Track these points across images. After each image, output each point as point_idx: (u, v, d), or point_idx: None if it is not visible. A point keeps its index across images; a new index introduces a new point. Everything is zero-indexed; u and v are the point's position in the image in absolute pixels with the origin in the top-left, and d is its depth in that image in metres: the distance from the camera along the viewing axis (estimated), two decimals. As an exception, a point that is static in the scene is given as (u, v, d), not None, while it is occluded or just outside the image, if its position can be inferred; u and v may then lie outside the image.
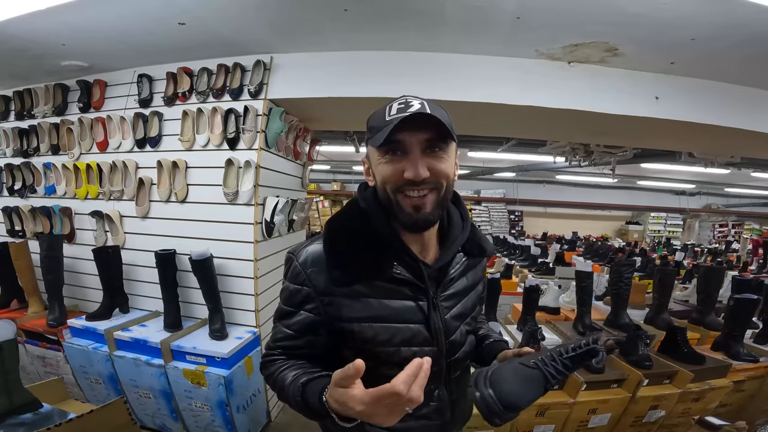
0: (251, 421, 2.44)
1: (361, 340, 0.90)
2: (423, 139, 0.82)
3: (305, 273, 0.90)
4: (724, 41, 2.05)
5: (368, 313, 0.90)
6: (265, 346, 0.99)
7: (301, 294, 0.91)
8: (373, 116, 0.88)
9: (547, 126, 3.14)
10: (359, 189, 0.99)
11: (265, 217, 2.55)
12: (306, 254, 0.92)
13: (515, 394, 0.82)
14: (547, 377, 0.84)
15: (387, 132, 0.79)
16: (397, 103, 0.84)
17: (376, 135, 0.82)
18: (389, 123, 0.80)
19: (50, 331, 2.47)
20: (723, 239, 11.22)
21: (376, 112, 0.88)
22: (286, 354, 0.95)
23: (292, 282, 0.92)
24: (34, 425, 1.51)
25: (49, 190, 2.89)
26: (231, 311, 2.54)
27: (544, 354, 0.87)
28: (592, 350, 0.85)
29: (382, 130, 0.81)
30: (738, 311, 2.35)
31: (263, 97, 2.49)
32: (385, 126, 0.81)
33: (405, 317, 0.92)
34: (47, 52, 2.50)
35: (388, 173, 0.84)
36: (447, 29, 2.16)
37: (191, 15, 2.08)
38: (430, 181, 0.83)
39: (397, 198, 0.85)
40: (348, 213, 0.96)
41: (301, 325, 0.92)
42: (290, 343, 0.94)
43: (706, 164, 5.22)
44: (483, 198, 11.59)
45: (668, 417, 2.09)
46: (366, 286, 0.90)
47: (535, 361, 0.86)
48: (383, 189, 0.87)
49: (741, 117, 2.58)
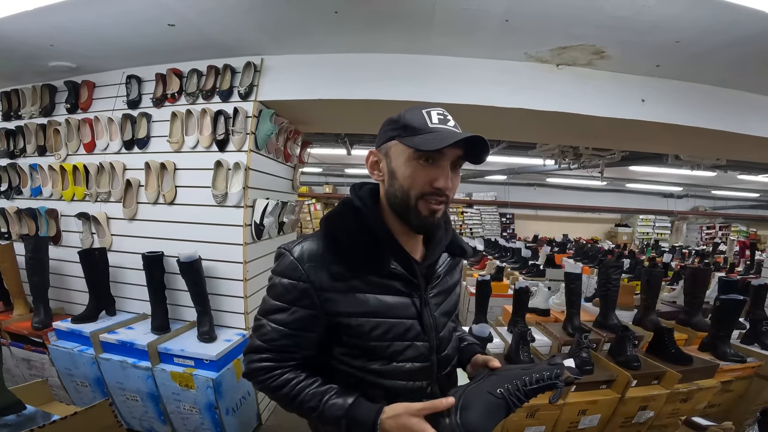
0: (241, 424, 2.42)
1: (357, 335, 0.92)
2: (456, 156, 0.88)
3: (302, 268, 0.90)
4: (709, 44, 2.08)
5: (365, 309, 0.92)
6: (252, 348, 0.96)
7: (297, 289, 0.90)
8: (410, 115, 0.89)
9: (536, 128, 3.17)
10: (353, 188, 1.01)
11: (255, 219, 2.54)
12: (302, 249, 0.92)
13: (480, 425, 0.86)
14: (510, 406, 0.89)
15: (443, 143, 0.82)
16: (436, 112, 0.89)
17: (421, 137, 0.86)
18: (436, 131, 0.86)
19: (35, 334, 2.43)
20: (710, 241, 11.33)
21: (412, 111, 0.90)
22: (279, 356, 0.94)
23: (286, 277, 0.91)
24: (18, 427, 1.49)
25: (35, 191, 2.85)
26: (220, 313, 2.53)
27: (509, 380, 0.91)
28: (553, 385, 0.91)
29: (425, 134, 0.86)
30: (725, 312, 2.37)
31: (253, 98, 2.48)
32: (429, 131, 0.86)
33: (399, 312, 0.95)
34: (35, 53, 2.48)
35: (421, 178, 0.87)
36: (436, 32, 2.17)
37: (180, 16, 2.08)
38: (447, 194, 0.89)
39: (418, 202, 0.89)
40: (343, 211, 0.98)
41: (296, 322, 0.92)
42: (284, 343, 0.93)
43: (692, 167, 5.30)
44: (475, 201, 11.65)
45: (657, 418, 2.10)
46: (362, 281, 0.92)
47: (502, 390, 0.89)
48: (404, 189, 0.89)
49: (726, 119, 2.61)
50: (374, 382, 0.95)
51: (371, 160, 0.97)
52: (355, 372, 0.96)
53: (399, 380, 0.96)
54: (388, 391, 0.95)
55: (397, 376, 0.96)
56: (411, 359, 0.96)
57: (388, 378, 0.95)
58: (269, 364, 0.94)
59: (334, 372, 0.97)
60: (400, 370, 0.96)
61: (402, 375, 0.96)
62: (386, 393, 0.94)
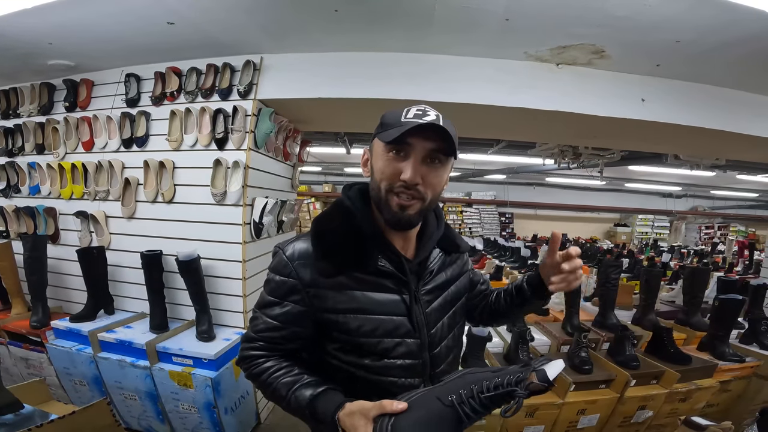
0: (240, 423, 2.42)
1: (345, 331, 0.94)
2: (428, 148, 0.87)
3: (292, 265, 0.94)
4: (709, 43, 2.08)
5: (352, 305, 0.94)
6: (246, 337, 1.01)
7: (287, 285, 0.94)
8: (389, 113, 0.93)
9: (535, 128, 3.16)
10: (344, 189, 1.04)
11: (254, 218, 2.53)
12: (293, 248, 0.96)
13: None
14: (462, 418, 0.77)
15: (400, 132, 0.84)
16: (416, 108, 0.89)
17: (389, 131, 0.88)
18: (404, 124, 0.86)
19: (33, 333, 2.42)
20: (709, 241, 11.36)
21: (393, 110, 0.92)
22: (268, 346, 0.98)
23: (278, 273, 0.95)
24: (15, 426, 1.48)
25: (33, 190, 2.84)
26: (219, 312, 2.52)
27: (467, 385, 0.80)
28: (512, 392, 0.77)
29: (395, 128, 0.87)
30: (723, 311, 2.38)
31: (253, 97, 2.47)
32: (398, 125, 0.86)
33: (388, 309, 0.96)
34: (34, 51, 2.47)
35: (388, 170, 0.89)
36: (436, 30, 2.17)
37: (180, 15, 2.07)
38: (419, 189, 0.89)
39: (388, 195, 0.90)
40: (334, 211, 1.01)
41: (286, 316, 0.95)
42: (273, 335, 0.97)
43: (691, 166, 5.29)
44: (474, 200, 11.65)
45: (656, 417, 2.10)
46: (351, 278, 0.94)
47: (453, 397, 0.79)
48: (377, 182, 0.92)
49: (726, 119, 2.61)
50: (366, 377, 0.96)
51: (364, 158, 1.01)
52: (347, 367, 0.97)
53: (391, 377, 0.97)
54: (379, 387, 0.95)
55: (389, 372, 0.96)
56: (402, 356, 0.97)
57: (379, 374, 0.96)
58: (257, 353, 0.98)
59: (327, 367, 0.99)
60: (391, 366, 0.96)
61: (394, 371, 0.97)
62: (378, 389, 0.93)
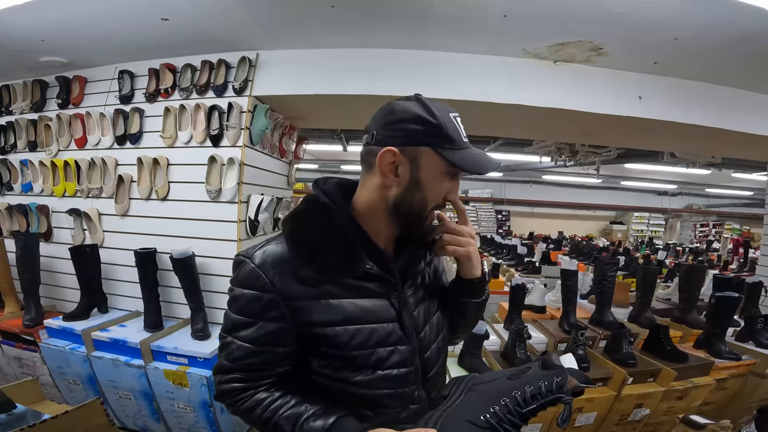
0: (236, 423, 2.39)
1: (336, 345, 0.84)
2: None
3: (265, 276, 0.81)
4: (707, 41, 2.07)
5: (341, 316, 0.84)
6: (219, 368, 0.88)
7: (261, 300, 0.81)
8: (443, 116, 0.82)
9: (533, 125, 3.15)
10: (316, 184, 0.93)
11: (249, 215, 2.51)
12: (263, 255, 0.83)
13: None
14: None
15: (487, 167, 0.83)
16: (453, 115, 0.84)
17: (460, 153, 0.83)
18: (469, 148, 0.84)
19: (26, 332, 2.39)
20: (704, 239, 11.43)
21: (444, 113, 0.82)
22: (249, 376, 0.86)
23: (249, 287, 0.82)
24: (8, 426, 1.46)
25: (25, 187, 2.81)
26: (214, 311, 2.49)
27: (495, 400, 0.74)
28: (558, 399, 0.71)
29: (463, 150, 0.83)
30: (719, 309, 2.38)
31: (248, 93, 2.45)
32: (463, 146, 0.83)
33: (378, 316, 0.88)
34: (26, 48, 2.44)
35: (443, 189, 0.87)
36: (434, 27, 2.15)
37: (174, 11, 2.05)
38: None
39: (430, 213, 0.89)
40: (309, 209, 0.90)
41: (264, 337, 0.83)
42: (252, 361, 0.84)
43: (687, 164, 5.30)
44: (471, 198, 11.67)
45: (653, 415, 2.10)
46: (335, 285, 0.84)
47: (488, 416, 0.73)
48: (425, 201, 0.86)
49: (722, 117, 2.61)
50: (357, 393, 0.87)
51: (388, 160, 0.83)
52: (336, 384, 0.87)
53: (385, 389, 0.88)
54: (372, 401, 0.88)
55: (384, 384, 0.88)
56: (396, 365, 0.89)
57: (374, 388, 0.87)
58: (239, 385, 0.85)
59: (313, 386, 0.89)
60: (387, 377, 0.88)
61: (389, 383, 0.88)
62: (370, 403, 0.88)
